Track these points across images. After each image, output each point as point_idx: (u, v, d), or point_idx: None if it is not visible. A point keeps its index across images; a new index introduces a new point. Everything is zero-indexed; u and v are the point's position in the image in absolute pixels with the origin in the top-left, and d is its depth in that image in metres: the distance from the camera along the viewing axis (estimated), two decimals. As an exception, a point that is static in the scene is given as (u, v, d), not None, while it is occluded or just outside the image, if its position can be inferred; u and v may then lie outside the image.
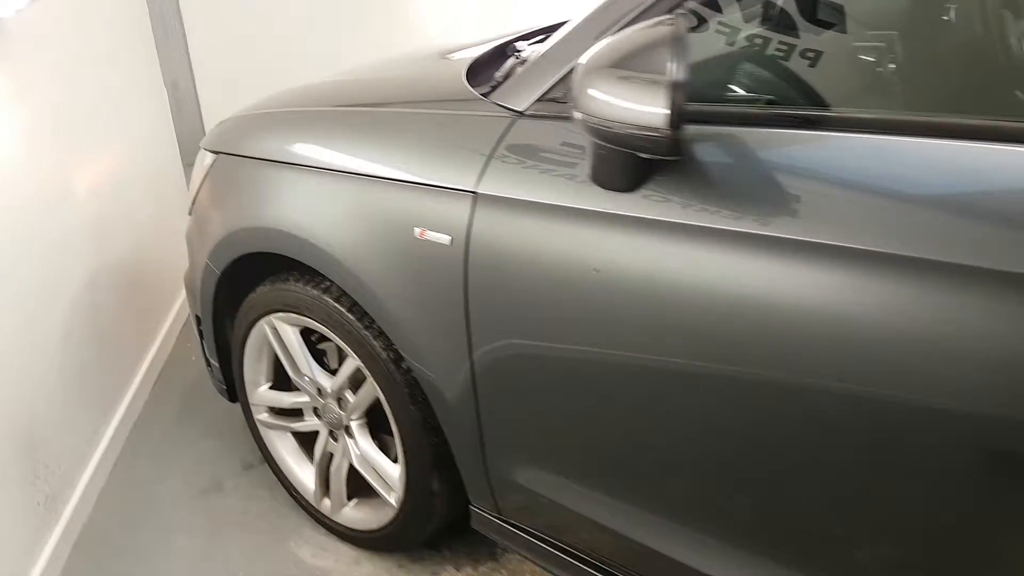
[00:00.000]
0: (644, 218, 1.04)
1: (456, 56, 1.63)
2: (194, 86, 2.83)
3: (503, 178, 1.18)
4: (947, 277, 0.84)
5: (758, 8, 1.23)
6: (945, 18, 1.47)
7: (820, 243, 0.91)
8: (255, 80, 2.14)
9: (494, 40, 1.65)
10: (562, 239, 1.13)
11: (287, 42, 2.82)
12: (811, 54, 1.14)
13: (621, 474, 1.23)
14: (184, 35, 2.75)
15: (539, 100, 1.19)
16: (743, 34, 1.19)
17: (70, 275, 1.94)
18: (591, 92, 0.96)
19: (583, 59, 0.98)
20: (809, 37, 1.17)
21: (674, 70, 0.87)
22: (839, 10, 1.20)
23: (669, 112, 0.89)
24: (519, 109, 1.21)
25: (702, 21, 1.12)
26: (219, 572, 1.72)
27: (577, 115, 0.98)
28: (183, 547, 1.79)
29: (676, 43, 0.88)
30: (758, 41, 1.19)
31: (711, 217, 0.99)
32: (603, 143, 0.99)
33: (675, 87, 0.88)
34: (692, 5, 1.08)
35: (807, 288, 0.93)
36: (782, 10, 1.22)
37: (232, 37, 2.80)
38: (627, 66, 0.93)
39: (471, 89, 1.34)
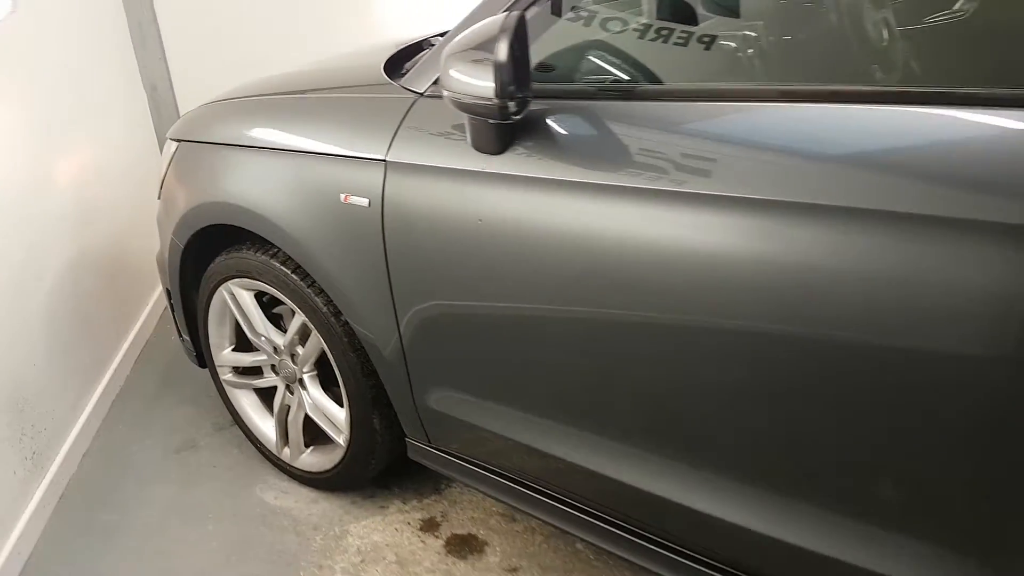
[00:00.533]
0: (512, 175, 1.25)
1: (390, 50, 1.84)
2: (171, 88, 3.05)
3: (407, 148, 1.40)
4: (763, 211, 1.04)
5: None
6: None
7: (657, 189, 1.11)
8: (229, 81, 2.35)
9: (422, 36, 1.87)
10: (453, 196, 1.34)
11: (260, 45, 3.03)
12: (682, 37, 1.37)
13: (526, 393, 1.43)
14: (161, 41, 2.97)
15: (434, 83, 1.40)
16: (599, 20, 1.41)
17: (55, 258, 2.16)
18: (451, 72, 1.18)
19: (447, 46, 1.20)
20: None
21: (500, 51, 1.09)
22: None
23: (495, 85, 1.11)
24: (419, 91, 1.43)
25: (564, 10, 1.34)
26: (191, 515, 1.93)
27: (444, 93, 1.21)
28: (159, 495, 2.01)
29: (505, 31, 1.10)
30: (617, 28, 1.41)
31: (566, 171, 1.21)
32: (465, 114, 1.22)
33: (498, 65, 1.10)
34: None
35: (644, 225, 1.13)
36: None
37: (207, 41, 3.02)
38: (476, 50, 1.15)
39: (385, 76, 1.56)
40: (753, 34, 1.58)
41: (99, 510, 1.97)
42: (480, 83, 1.13)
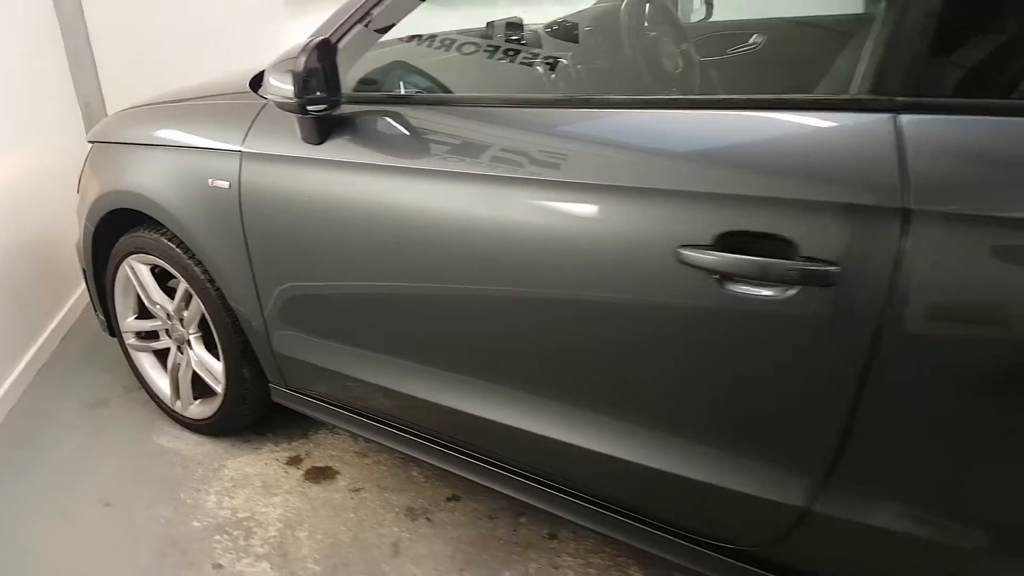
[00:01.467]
0: (330, 160, 1.66)
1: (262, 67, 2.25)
2: (103, 104, 3.44)
3: (257, 140, 1.80)
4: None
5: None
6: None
7: (438, 170, 1.49)
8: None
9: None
10: (288, 178, 1.74)
11: (186, 65, 3.43)
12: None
13: (355, 336, 1.80)
14: (94, 62, 3.37)
15: (277, 90, 1.81)
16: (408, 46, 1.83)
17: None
18: (270, 80, 1.59)
19: (272, 60, 1.62)
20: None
21: (299, 64, 1.50)
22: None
23: (293, 88, 1.52)
24: (267, 97, 1.84)
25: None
26: (97, 455, 2.29)
27: (268, 96, 1.62)
28: (71, 439, 2.36)
29: (305, 50, 1.51)
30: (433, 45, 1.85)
31: (371, 157, 1.62)
32: (285, 111, 1.62)
33: (296, 74, 1.51)
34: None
35: (429, 196, 1.51)
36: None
37: (137, 62, 3.42)
38: (288, 62, 1.56)
39: (248, 87, 1.97)
40: (543, 58, 2.03)
41: (16, 449, 2.32)
42: (285, 87, 1.55)
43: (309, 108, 1.56)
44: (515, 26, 2.16)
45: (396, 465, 2.19)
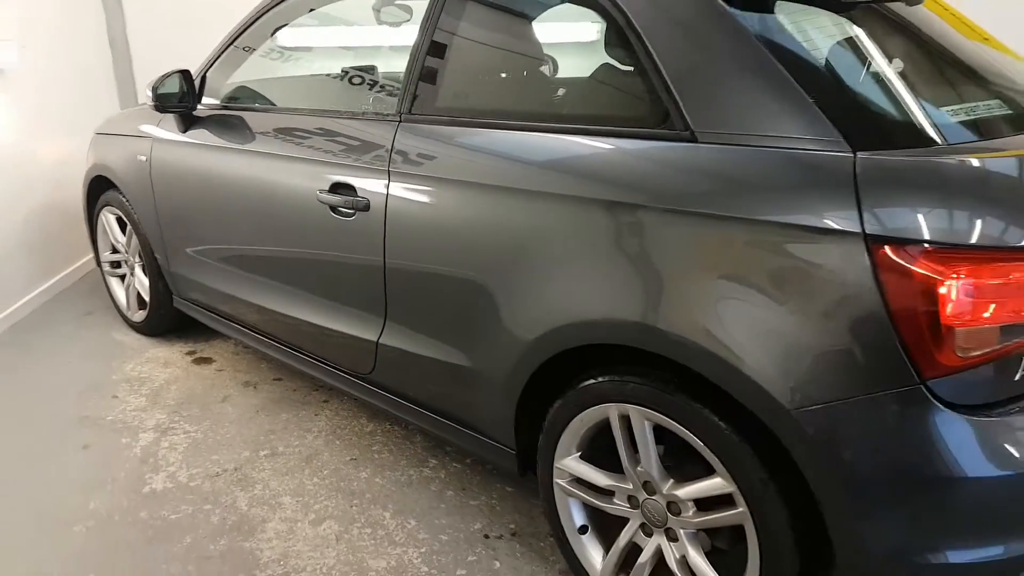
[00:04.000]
0: (190, 142, 2.73)
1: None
2: (135, 100, 4.70)
3: (160, 130, 2.91)
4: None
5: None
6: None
7: (251, 150, 2.56)
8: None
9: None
10: (171, 153, 2.83)
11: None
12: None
13: (209, 256, 2.85)
14: (134, 83, 4.65)
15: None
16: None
17: (35, 202, 3.75)
18: (146, 92, 2.68)
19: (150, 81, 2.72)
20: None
21: (156, 83, 2.59)
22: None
23: (151, 96, 2.60)
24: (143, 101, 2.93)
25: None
26: (74, 340, 3.42)
27: (145, 103, 2.72)
28: (61, 333, 3.51)
29: (166, 75, 2.59)
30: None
31: (212, 140, 2.68)
32: (167, 112, 2.71)
33: (154, 88, 2.59)
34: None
35: (243, 167, 2.57)
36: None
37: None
38: (155, 81, 2.65)
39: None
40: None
41: (30, 332, 3.50)
42: (149, 95, 2.64)
43: (165, 109, 2.64)
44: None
45: (252, 359, 3.21)
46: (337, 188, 2.14)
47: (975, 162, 1.38)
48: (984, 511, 1.34)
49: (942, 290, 1.26)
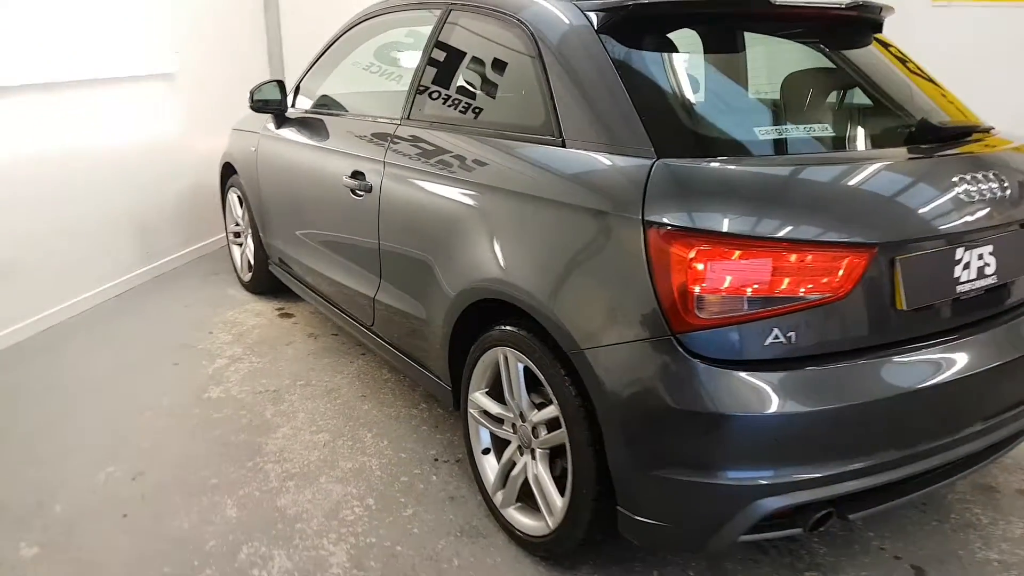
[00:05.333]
0: (284, 138, 3.48)
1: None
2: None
3: (267, 127, 3.69)
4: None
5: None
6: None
7: (318, 146, 3.27)
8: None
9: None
10: (270, 146, 3.60)
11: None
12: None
13: (294, 235, 3.58)
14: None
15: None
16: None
17: (185, 181, 4.73)
18: (252, 98, 3.46)
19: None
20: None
21: (256, 90, 3.34)
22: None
23: (250, 100, 3.36)
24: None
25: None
26: (197, 291, 4.31)
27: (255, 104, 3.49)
28: (189, 284, 4.42)
29: (266, 83, 3.35)
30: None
31: (300, 137, 3.42)
32: (261, 112, 3.48)
33: (252, 93, 3.35)
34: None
35: (309, 160, 3.29)
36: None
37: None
38: (254, 88, 3.41)
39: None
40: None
41: (165, 282, 4.44)
42: (250, 101, 3.41)
43: (260, 110, 3.41)
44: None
45: (322, 319, 3.92)
46: (355, 175, 2.76)
47: (733, 169, 1.75)
48: (720, 444, 1.68)
49: (689, 265, 1.64)
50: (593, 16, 2.02)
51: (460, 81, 2.48)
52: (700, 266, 1.64)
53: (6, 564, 2.09)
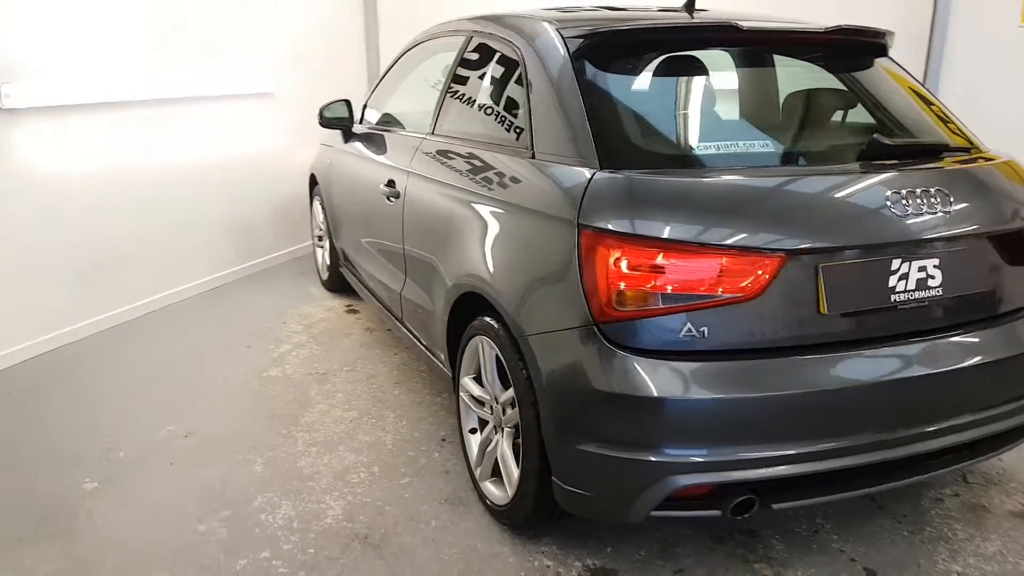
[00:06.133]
0: (350, 152, 3.91)
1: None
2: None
3: (339, 142, 4.13)
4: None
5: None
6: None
7: (383, 162, 3.69)
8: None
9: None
10: (339, 158, 4.04)
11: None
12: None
13: (357, 240, 4.01)
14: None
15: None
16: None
17: (282, 190, 5.29)
18: (322, 115, 3.91)
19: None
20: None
21: (324, 109, 3.78)
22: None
23: (320, 117, 3.80)
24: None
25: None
26: (281, 287, 4.82)
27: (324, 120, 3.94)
28: (279, 282, 4.95)
29: (334, 102, 3.78)
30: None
31: (364, 152, 3.84)
32: (329, 128, 3.92)
33: (321, 111, 3.79)
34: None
35: (372, 172, 3.70)
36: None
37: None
38: (323, 107, 3.85)
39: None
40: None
41: (259, 278, 4.99)
42: (319, 118, 3.85)
43: (328, 126, 3.85)
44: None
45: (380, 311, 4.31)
46: (389, 183, 3.11)
47: (661, 180, 1.94)
48: (632, 423, 1.87)
49: (610, 264, 1.86)
50: (570, 43, 2.27)
51: (470, 99, 2.78)
52: (621, 265, 1.84)
53: (71, 495, 2.56)
